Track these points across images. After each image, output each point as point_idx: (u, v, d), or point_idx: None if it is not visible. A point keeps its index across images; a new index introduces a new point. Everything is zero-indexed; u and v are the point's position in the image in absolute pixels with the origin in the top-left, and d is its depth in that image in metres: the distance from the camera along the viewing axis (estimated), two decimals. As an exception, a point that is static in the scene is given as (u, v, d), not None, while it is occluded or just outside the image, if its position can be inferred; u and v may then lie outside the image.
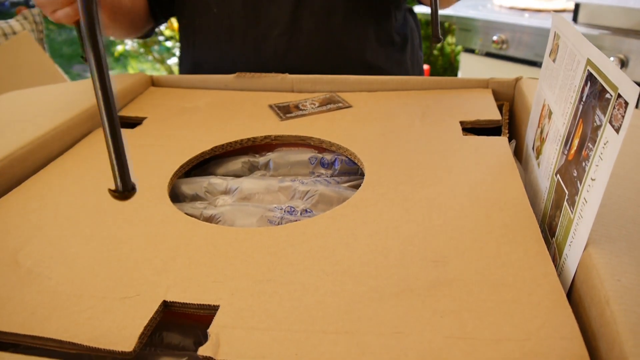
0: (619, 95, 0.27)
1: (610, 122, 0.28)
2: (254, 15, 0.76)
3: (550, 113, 0.41)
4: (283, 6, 0.75)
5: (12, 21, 1.62)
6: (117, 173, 0.30)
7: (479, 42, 1.88)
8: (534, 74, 1.82)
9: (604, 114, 0.29)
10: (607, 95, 0.29)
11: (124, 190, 0.30)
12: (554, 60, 0.44)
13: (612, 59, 1.52)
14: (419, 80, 0.63)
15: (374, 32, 0.76)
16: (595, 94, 0.31)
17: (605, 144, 0.28)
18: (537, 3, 1.97)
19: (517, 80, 0.60)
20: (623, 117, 0.26)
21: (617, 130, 0.27)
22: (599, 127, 0.30)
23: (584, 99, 0.33)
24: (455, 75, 2.18)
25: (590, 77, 0.33)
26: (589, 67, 0.34)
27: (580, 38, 0.37)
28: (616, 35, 1.53)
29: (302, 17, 0.75)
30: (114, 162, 0.29)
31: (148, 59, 3.42)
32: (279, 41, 0.76)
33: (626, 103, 0.26)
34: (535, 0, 2.04)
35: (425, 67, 2.51)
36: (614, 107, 0.28)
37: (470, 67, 1.96)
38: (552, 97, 0.42)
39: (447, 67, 2.93)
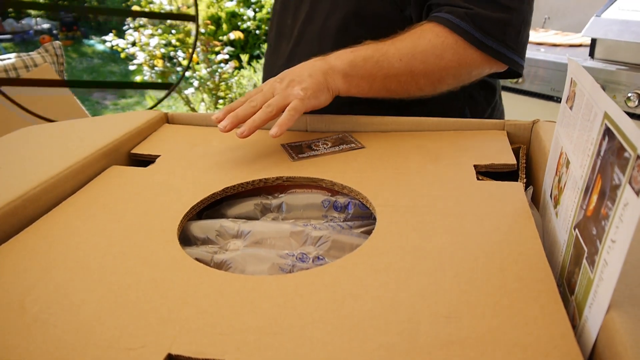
0: (639, 157, 0.26)
1: (630, 183, 0.27)
2: (278, 43, 0.85)
3: (568, 162, 0.41)
4: (289, 42, 0.82)
5: (33, 54, 1.67)
6: None
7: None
8: (551, 109, 1.81)
9: (623, 173, 0.28)
10: (626, 154, 0.28)
11: None
12: (571, 108, 0.43)
13: (630, 94, 1.51)
14: (434, 122, 0.63)
15: None
16: (613, 150, 0.31)
17: (625, 206, 0.27)
18: (553, 38, 1.97)
19: (534, 123, 0.59)
20: (643, 178, 0.26)
21: (638, 193, 0.26)
22: (617, 186, 0.29)
23: (601, 154, 0.33)
24: (471, 107, 2.17)
25: (607, 132, 0.32)
26: (606, 121, 0.33)
27: (597, 89, 0.36)
28: (633, 70, 1.52)
29: (296, 57, 0.79)
30: None
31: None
32: (281, 71, 0.78)
33: (646, 165, 0.25)
34: (551, 35, 2.04)
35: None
36: (634, 168, 0.27)
37: (486, 101, 1.95)
38: (570, 146, 0.41)
39: (463, 99, 2.93)
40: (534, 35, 2.02)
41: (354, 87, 0.65)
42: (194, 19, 1.38)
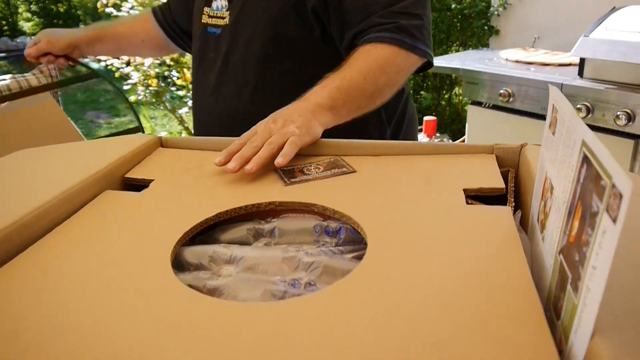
0: (614, 185, 0.27)
1: (607, 211, 0.28)
2: (202, 76, 0.96)
3: (552, 187, 0.42)
4: (214, 72, 0.92)
5: (28, 75, 1.68)
6: None
7: (486, 95, 1.90)
8: (541, 128, 1.83)
9: (601, 200, 0.29)
10: (602, 182, 0.29)
11: None
12: (553, 133, 0.44)
13: (618, 113, 1.53)
14: (424, 146, 0.64)
15: (285, 104, 0.80)
16: (591, 178, 0.32)
17: (603, 233, 0.28)
18: (543, 57, 2.00)
19: (522, 146, 0.60)
20: (619, 207, 0.27)
21: (614, 221, 0.27)
22: (596, 213, 0.30)
23: (581, 181, 0.34)
24: (463, 126, 2.20)
25: (586, 159, 0.33)
26: (584, 149, 0.34)
27: (575, 118, 0.37)
28: (622, 90, 1.55)
29: (224, 84, 0.91)
30: None
31: (160, 108, 3.49)
32: (209, 101, 0.94)
33: (621, 195, 0.26)
34: (541, 54, 2.07)
35: (432, 118, 2.54)
36: (610, 196, 0.28)
37: (477, 119, 1.98)
38: (553, 171, 0.42)
39: (455, 118, 2.96)
40: (524, 55, 2.05)
41: (338, 116, 0.73)
42: (138, 129, 1.43)
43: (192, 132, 1.06)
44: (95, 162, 0.63)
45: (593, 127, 1.61)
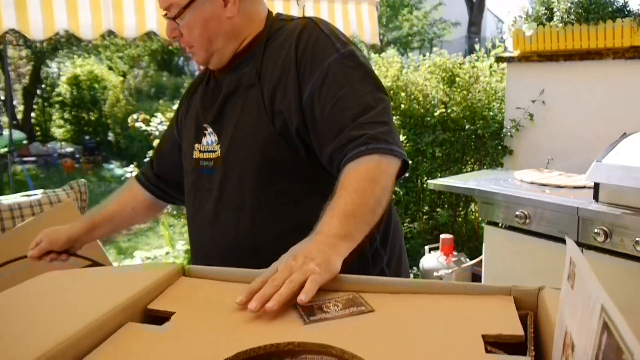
0: (635, 365, 0.28)
1: (630, 390, 0.28)
2: (199, 207, 1.00)
3: (573, 345, 0.42)
4: (210, 202, 0.97)
5: (59, 190, 1.76)
6: None
7: (501, 215, 1.92)
8: (559, 250, 1.81)
9: (623, 375, 0.29)
10: (624, 357, 0.30)
11: None
12: (572, 287, 0.45)
13: (637, 238, 1.53)
14: (441, 285, 0.65)
15: (282, 223, 0.86)
16: (612, 348, 0.32)
17: (627, 413, 0.28)
18: (557, 179, 2.03)
19: (540, 289, 0.61)
20: (641, 389, 0.27)
21: (637, 402, 0.27)
22: (619, 389, 0.30)
23: (602, 348, 0.34)
24: (480, 243, 2.20)
25: (606, 327, 0.34)
26: (604, 315, 0.35)
27: (592, 279, 0.38)
28: (639, 215, 1.55)
29: (222, 212, 0.96)
30: None
31: (180, 220, 3.57)
32: (207, 230, 0.98)
33: (642, 377, 0.27)
34: (556, 176, 2.11)
35: (449, 236, 2.54)
36: (632, 375, 0.28)
37: (494, 240, 1.98)
38: (574, 326, 0.42)
39: (472, 235, 2.96)
40: (539, 176, 2.08)
41: (353, 241, 0.75)
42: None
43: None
44: (119, 292, 0.65)
45: (613, 253, 1.60)
